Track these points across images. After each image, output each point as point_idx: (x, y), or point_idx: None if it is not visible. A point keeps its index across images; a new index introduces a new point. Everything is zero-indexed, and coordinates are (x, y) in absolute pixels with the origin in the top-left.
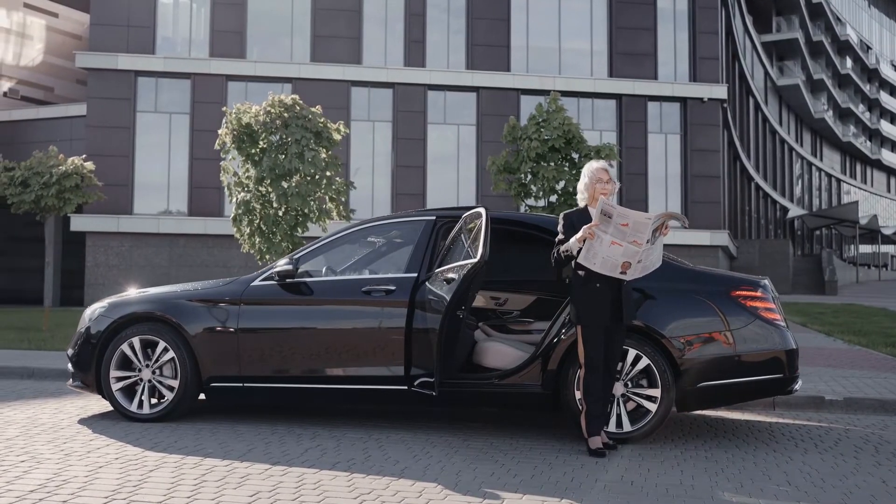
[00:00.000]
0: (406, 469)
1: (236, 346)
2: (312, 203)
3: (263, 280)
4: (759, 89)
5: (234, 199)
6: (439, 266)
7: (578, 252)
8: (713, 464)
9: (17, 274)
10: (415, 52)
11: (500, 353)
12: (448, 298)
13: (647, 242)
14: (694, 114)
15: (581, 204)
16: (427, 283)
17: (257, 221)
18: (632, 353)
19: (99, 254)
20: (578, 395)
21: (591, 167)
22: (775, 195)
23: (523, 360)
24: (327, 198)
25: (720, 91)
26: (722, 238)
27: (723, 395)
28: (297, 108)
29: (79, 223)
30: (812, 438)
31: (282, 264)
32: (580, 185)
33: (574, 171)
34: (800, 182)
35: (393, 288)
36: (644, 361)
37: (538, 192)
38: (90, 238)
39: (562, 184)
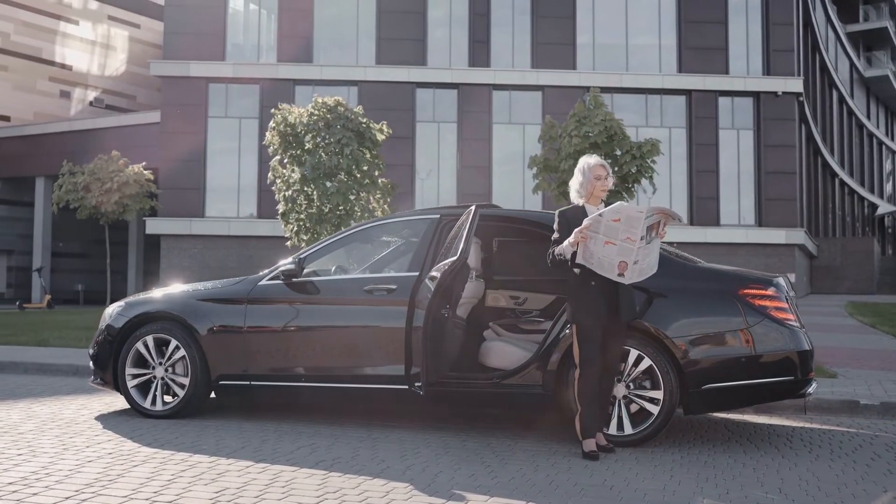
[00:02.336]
0: (387, 469)
1: (243, 344)
2: (354, 201)
3: (270, 279)
4: (843, 81)
5: (282, 197)
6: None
7: (573, 255)
8: (710, 469)
9: (102, 276)
10: (479, 53)
11: (503, 353)
12: (428, 298)
13: (642, 240)
14: (768, 108)
15: (579, 202)
16: (426, 281)
17: (303, 219)
18: (633, 353)
19: (173, 256)
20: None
21: (587, 163)
22: (862, 191)
23: (525, 361)
24: (371, 196)
25: (795, 84)
26: (798, 236)
27: (730, 398)
28: (340, 109)
29: (154, 226)
30: (831, 444)
31: (286, 263)
32: (574, 183)
33: (616, 168)
34: (891, 178)
35: (394, 287)
36: (646, 362)
37: None
38: (164, 241)
39: None
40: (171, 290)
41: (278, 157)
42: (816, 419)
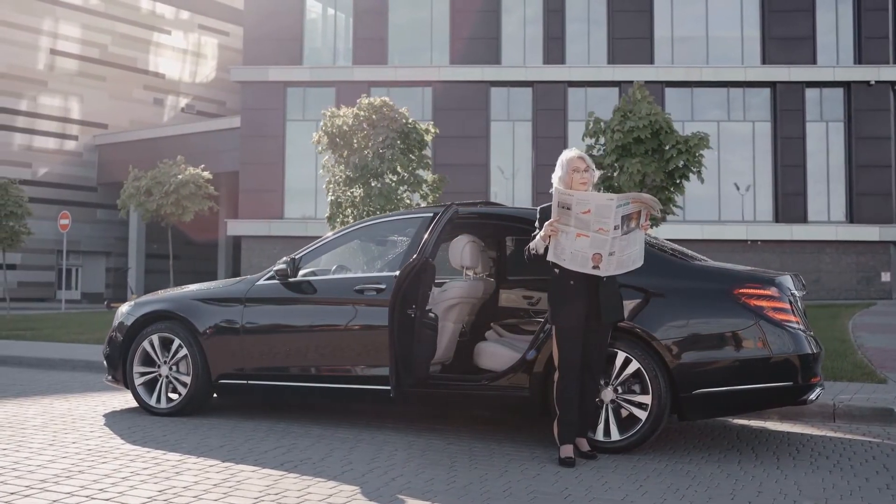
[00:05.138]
0: (348, 471)
1: (240, 344)
2: (398, 201)
3: (266, 279)
4: None
5: (329, 198)
6: None
7: (546, 250)
8: (687, 479)
9: (194, 276)
10: (554, 49)
11: (495, 354)
12: (390, 298)
13: (616, 230)
14: (859, 99)
15: None
16: None
17: (349, 221)
18: (621, 356)
19: (253, 256)
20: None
21: (566, 156)
22: None
23: (514, 363)
24: (418, 195)
25: (890, 72)
26: (893, 233)
27: (722, 404)
28: (385, 109)
29: (234, 228)
30: (841, 454)
31: (279, 263)
32: (554, 177)
33: (663, 163)
34: None
35: (383, 286)
36: (634, 365)
37: (625, 188)
38: (245, 242)
39: (650, 177)
40: (177, 289)
41: (327, 159)
42: (844, 427)
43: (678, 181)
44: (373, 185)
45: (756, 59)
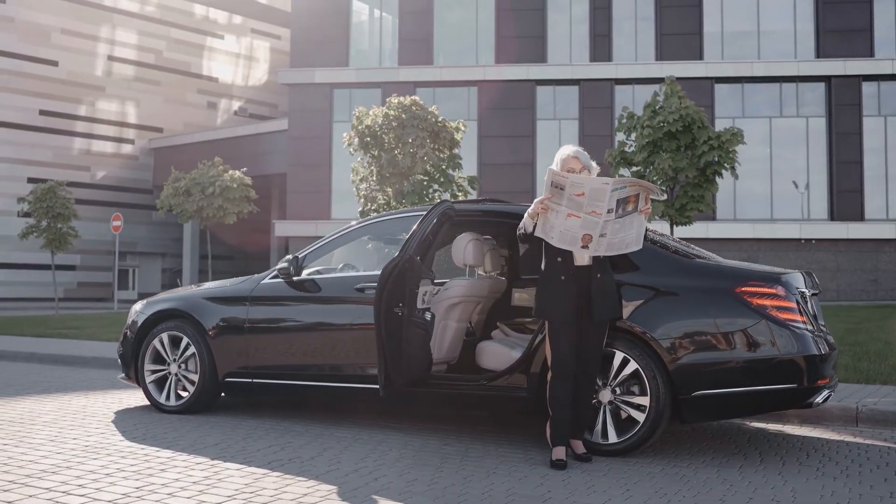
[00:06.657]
0: (333, 471)
1: (244, 342)
2: (431, 200)
3: (271, 279)
4: None
5: (360, 197)
6: None
7: (534, 229)
8: (678, 484)
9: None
10: (601, 47)
11: (495, 354)
12: (375, 297)
13: (610, 213)
14: None
15: None
16: None
17: None
18: (619, 356)
19: None
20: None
21: (561, 154)
22: None
23: (513, 363)
24: (448, 194)
25: None
26: None
27: (723, 406)
28: (415, 109)
29: (282, 229)
30: (853, 461)
31: (282, 262)
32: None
33: (695, 159)
34: None
35: None
36: (632, 366)
37: (656, 183)
38: (293, 242)
39: (682, 173)
40: (187, 288)
41: (359, 159)
42: (866, 432)
43: (711, 177)
44: (405, 183)
45: (810, 52)
